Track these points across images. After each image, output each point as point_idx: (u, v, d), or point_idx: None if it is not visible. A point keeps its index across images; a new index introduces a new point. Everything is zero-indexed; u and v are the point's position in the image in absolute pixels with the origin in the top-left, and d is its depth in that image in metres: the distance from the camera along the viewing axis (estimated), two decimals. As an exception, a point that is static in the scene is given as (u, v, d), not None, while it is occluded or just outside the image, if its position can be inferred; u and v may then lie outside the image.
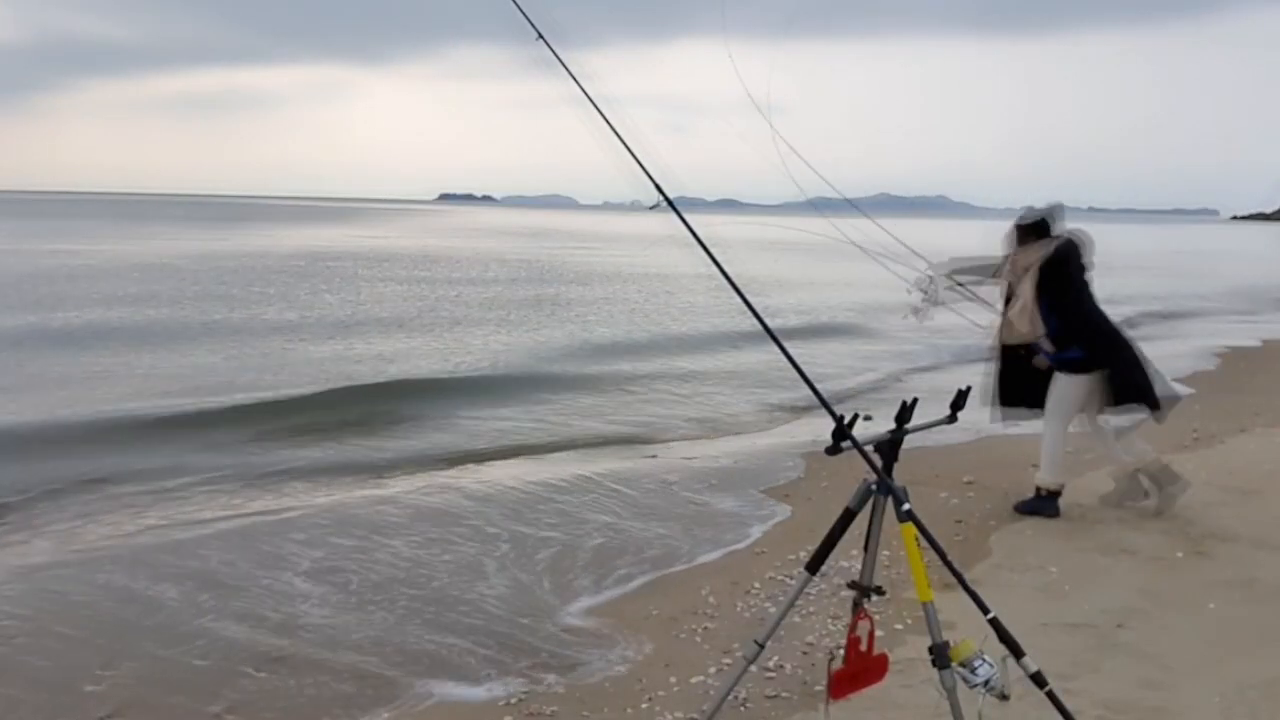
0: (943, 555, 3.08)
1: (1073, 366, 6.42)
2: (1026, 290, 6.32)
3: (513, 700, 4.16)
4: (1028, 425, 6.95)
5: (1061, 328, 6.34)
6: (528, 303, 23.34)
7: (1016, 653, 2.76)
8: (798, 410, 11.06)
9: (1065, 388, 6.48)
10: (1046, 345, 6.40)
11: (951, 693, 3.09)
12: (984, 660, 2.88)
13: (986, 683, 2.77)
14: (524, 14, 3.61)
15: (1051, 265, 6.32)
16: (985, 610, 2.92)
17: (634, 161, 3.48)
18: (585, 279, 30.95)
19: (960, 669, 2.88)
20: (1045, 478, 6.62)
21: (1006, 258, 6.56)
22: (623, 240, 59.25)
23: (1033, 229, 6.47)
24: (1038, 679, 2.84)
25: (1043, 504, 6.59)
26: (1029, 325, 6.34)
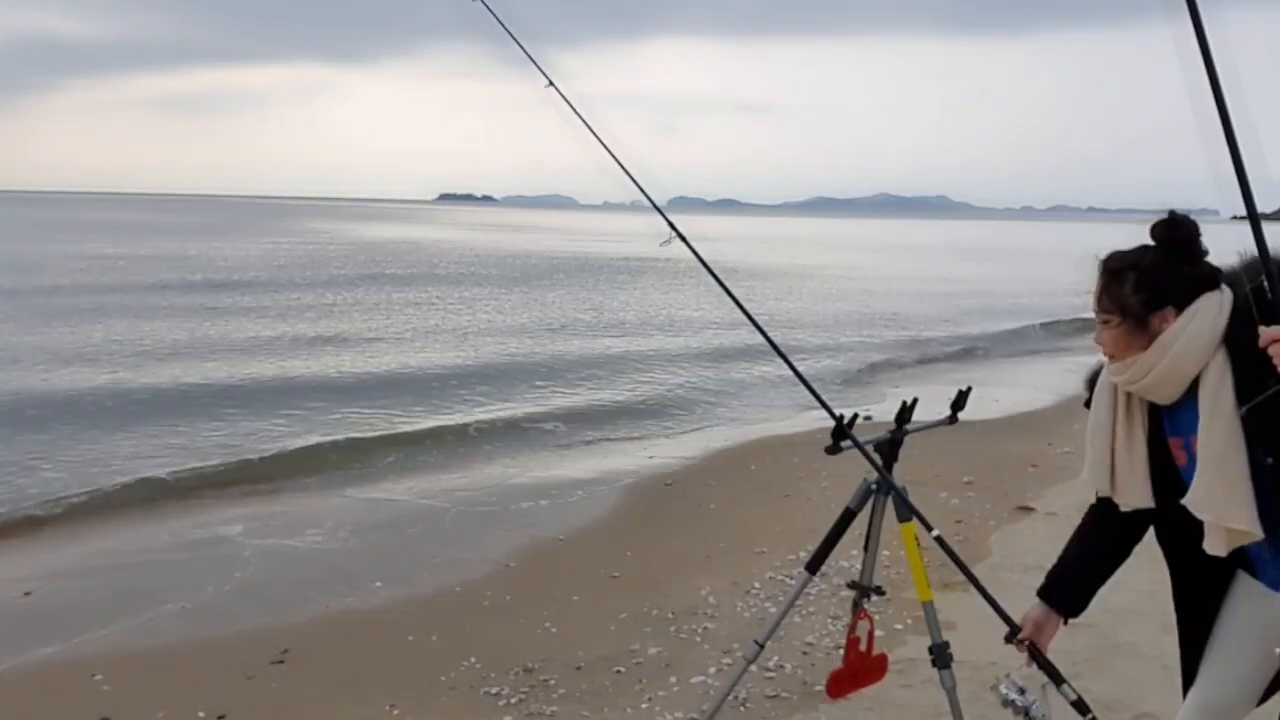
0: (962, 566, 2.99)
1: None
2: None
3: (513, 700, 4.16)
4: (1025, 425, 6.95)
5: None
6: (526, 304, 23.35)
7: (1056, 679, 2.72)
8: (796, 409, 11.06)
9: None
10: None
11: (951, 692, 3.09)
12: (1018, 685, 2.81)
13: (1027, 711, 2.72)
14: (527, 54, 3.64)
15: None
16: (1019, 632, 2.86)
17: (643, 193, 3.52)
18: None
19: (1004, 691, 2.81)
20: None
21: None
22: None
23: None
24: (1079, 706, 2.78)
25: None
26: None
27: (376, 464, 8.62)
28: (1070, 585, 2.55)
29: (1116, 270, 2.18)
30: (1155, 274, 2.13)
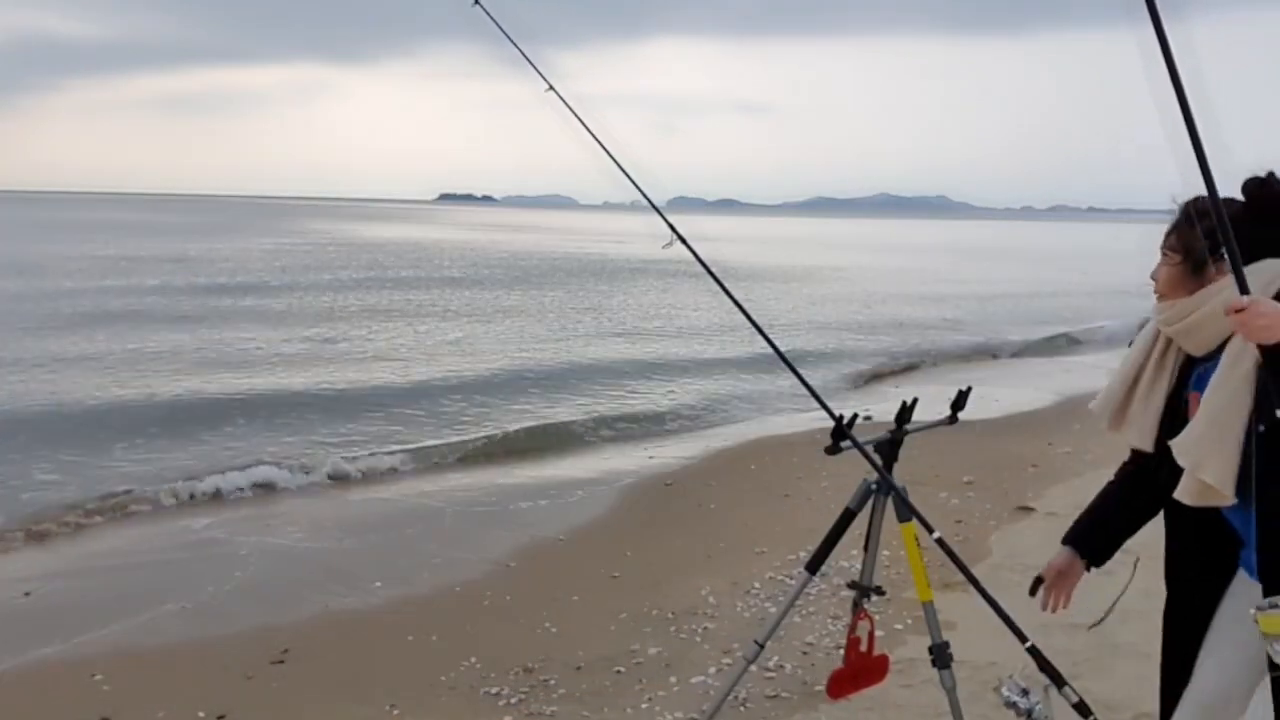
0: (962, 566, 2.99)
1: None
2: None
3: (513, 700, 4.16)
4: (1025, 425, 6.94)
5: None
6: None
7: (1058, 681, 2.73)
8: (796, 409, 11.06)
9: None
10: None
11: (951, 692, 3.09)
12: (1020, 687, 2.81)
13: (1030, 713, 2.73)
14: (527, 59, 3.64)
15: None
16: (1023, 639, 2.87)
17: (644, 196, 3.53)
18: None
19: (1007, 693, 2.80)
20: None
21: None
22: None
23: None
24: (1081, 709, 2.78)
25: None
26: None
27: (376, 465, 8.62)
28: (1094, 532, 2.58)
29: (1195, 212, 2.16)
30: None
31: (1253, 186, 2.12)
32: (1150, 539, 2.43)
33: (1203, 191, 1.87)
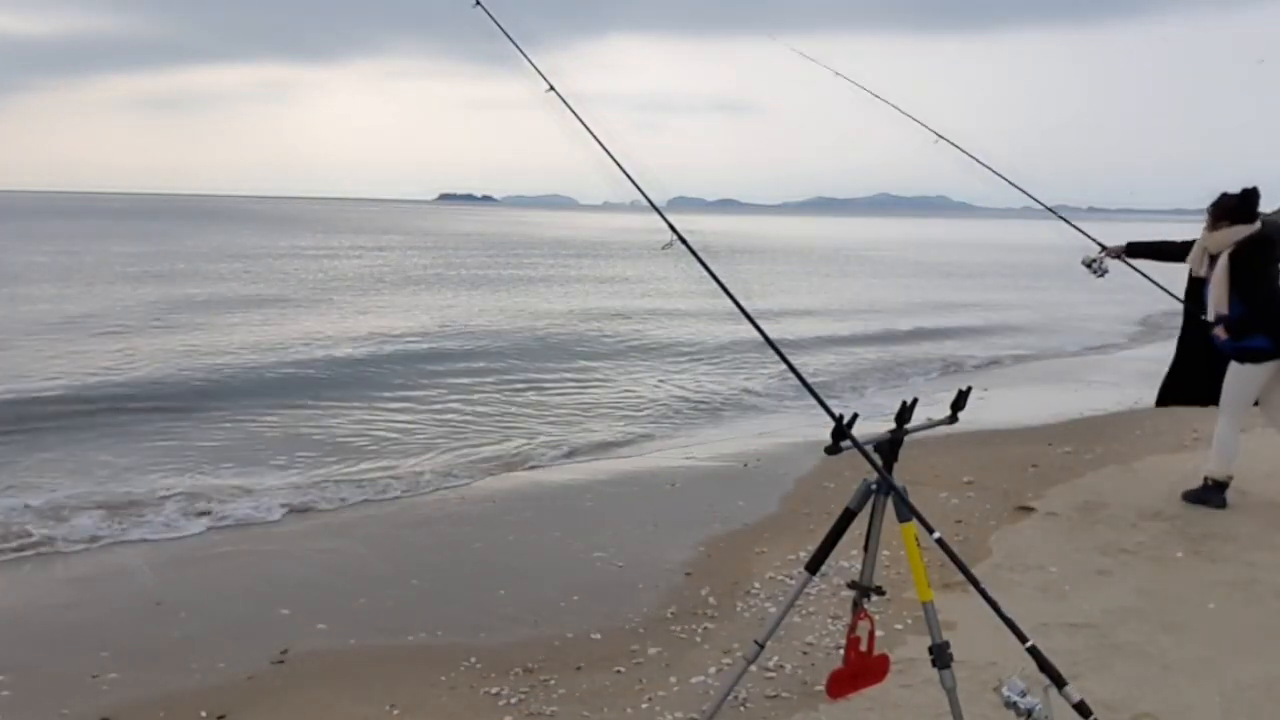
0: (962, 567, 3.00)
1: (1254, 356, 6.37)
2: (1219, 271, 6.24)
3: (513, 700, 4.16)
4: (1024, 423, 6.94)
5: (1245, 315, 6.26)
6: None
7: (1058, 682, 2.73)
8: (796, 409, 11.06)
9: (1242, 376, 6.46)
10: (1220, 332, 6.31)
11: (951, 692, 3.09)
12: (1020, 687, 2.81)
13: (1029, 713, 2.73)
14: (528, 59, 3.65)
15: (1246, 248, 6.21)
16: (1024, 639, 2.87)
17: (644, 196, 3.54)
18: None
19: (1006, 693, 2.81)
20: (1213, 467, 6.63)
21: (1195, 241, 6.45)
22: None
23: (1228, 212, 6.30)
24: (1081, 709, 2.79)
25: (1209, 494, 6.61)
26: (1214, 305, 6.28)
27: (374, 463, 8.62)
28: None
29: None
30: None
31: None
32: (1147, 543, 2.43)
33: None
